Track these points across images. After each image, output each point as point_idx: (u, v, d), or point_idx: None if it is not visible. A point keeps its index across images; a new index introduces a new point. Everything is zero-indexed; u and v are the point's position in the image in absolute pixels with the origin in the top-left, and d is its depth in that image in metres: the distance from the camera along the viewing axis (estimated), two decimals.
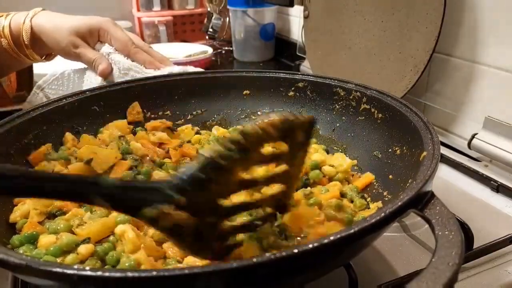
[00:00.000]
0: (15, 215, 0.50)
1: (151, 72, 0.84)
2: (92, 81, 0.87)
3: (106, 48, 0.85)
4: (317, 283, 0.41)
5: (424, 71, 0.83)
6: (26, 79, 0.93)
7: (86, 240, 0.46)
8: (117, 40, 0.84)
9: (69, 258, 0.44)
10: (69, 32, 0.83)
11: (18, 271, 0.34)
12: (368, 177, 0.59)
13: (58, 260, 0.44)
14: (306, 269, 0.35)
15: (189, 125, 0.74)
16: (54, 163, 0.59)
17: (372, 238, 0.40)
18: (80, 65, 0.90)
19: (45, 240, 0.45)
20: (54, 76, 0.89)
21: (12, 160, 0.55)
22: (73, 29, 0.83)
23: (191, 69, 0.89)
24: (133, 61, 0.85)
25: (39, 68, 1.00)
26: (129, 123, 0.71)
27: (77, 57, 0.86)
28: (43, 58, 0.89)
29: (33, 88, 0.88)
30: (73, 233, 0.47)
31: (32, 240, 0.46)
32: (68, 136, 0.64)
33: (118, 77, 0.84)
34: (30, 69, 0.96)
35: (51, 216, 0.51)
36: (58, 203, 0.52)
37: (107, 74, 0.84)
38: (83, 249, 0.44)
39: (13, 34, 0.81)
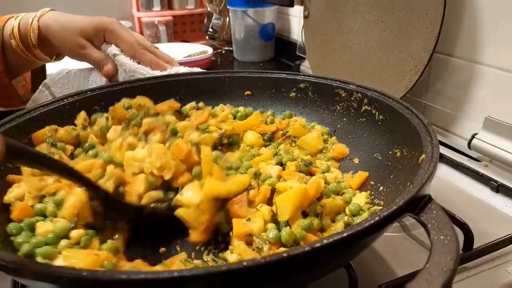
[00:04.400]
0: (10, 196, 0.50)
1: (157, 74, 0.84)
2: (97, 81, 0.87)
3: (112, 50, 0.85)
4: (317, 283, 0.41)
5: (424, 71, 0.83)
6: (39, 79, 0.93)
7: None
8: (123, 41, 0.84)
9: (63, 244, 0.46)
10: (75, 33, 0.83)
11: (13, 273, 0.34)
12: (362, 175, 0.59)
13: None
14: (298, 272, 0.35)
15: (193, 103, 0.74)
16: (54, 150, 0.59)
17: (367, 241, 0.40)
18: (86, 64, 0.90)
19: (43, 228, 0.47)
20: (61, 75, 0.89)
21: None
22: (79, 30, 0.83)
23: (197, 70, 0.89)
24: (139, 62, 0.85)
25: (50, 68, 1.01)
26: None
27: (83, 58, 0.86)
28: (54, 58, 0.89)
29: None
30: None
31: (30, 227, 0.47)
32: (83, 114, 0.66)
33: (124, 79, 0.84)
34: (43, 69, 0.97)
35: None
36: (52, 186, 0.52)
37: (111, 75, 0.84)
38: (75, 233, 0.46)
39: (22, 34, 0.81)
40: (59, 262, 0.43)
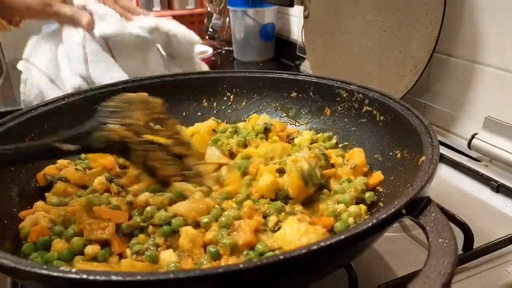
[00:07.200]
0: (24, 224, 0.50)
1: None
2: (74, 35, 0.86)
3: (78, 0, 0.85)
4: (317, 283, 0.41)
5: (424, 71, 0.83)
6: None
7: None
8: None
9: (76, 258, 0.45)
10: None
11: (10, 273, 0.34)
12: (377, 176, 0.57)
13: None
14: (297, 274, 0.35)
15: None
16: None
17: (366, 243, 0.40)
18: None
19: (59, 245, 0.47)
20: (32, 44, 0.89)
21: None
22: None
23: (163, 25, 0.89)
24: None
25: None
26: None
27: (54, 16, 0.85)
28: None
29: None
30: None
31: (45, 246, 0.47)
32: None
33: (98, 25, 0.84)
34: None
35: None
36: (69, 211, 0.51)
37: (92, 25, 0.84)
38: (89, 249, 0.46)
39: None
40: None
